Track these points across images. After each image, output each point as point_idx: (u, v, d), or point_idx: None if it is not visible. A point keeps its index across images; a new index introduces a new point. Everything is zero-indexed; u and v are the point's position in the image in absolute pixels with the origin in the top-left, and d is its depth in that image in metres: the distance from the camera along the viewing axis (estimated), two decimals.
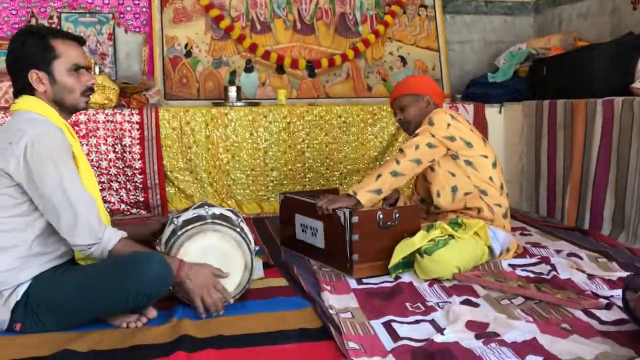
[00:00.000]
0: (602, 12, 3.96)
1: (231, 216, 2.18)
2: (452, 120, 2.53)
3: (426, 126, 2.52)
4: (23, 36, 1.88)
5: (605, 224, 3.07)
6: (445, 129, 2.50)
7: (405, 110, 2.68)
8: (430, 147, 2.49)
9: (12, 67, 1.90)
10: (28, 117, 1.84)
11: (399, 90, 2.73)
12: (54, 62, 1.87)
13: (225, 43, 4.14)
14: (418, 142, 2.49)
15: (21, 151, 1.75)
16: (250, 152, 3.69)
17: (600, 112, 3.07)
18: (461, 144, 2.53)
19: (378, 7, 4.42)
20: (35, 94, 1.89)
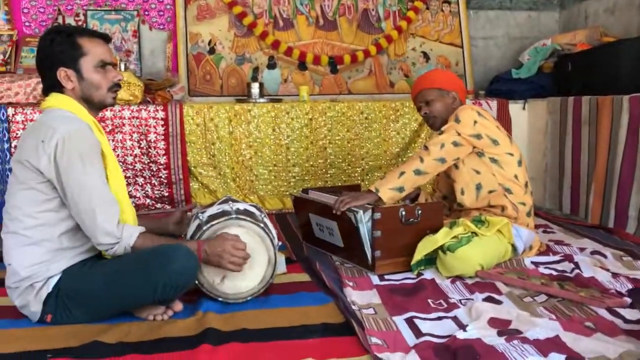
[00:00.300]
0: (629, 6, 3.90)
1: (255, 212, 2.21)
2: (478, 117, 2.51)
3: (452, 123, 2.50)
4: (51, 35, 1.93)
5: (631, 222, 3.03)
6: (471, 127, 2.48)
7: (431, 104, 2.64)
8: (455, 146, 2.47)
9: (41, 65, 1.95)
10: (58, 115, 1.88)
11: (424, 83, 2.69)
12: (81, 60, 1.91)
13: (248, 40, 4.18)
14: (443, 141, 2.46)
15: (52, 149, 1.79)
16: (273, 148, 3.72)
17: (627, 109, 3.04)
18: (487, 142, 2.50)
19: (401, 3, 4.41)
20: (64, 91, 1.93)
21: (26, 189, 1.84)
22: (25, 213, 1.85)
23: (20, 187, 1.85)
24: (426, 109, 2.66)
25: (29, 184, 1.84)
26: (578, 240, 2.87)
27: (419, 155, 2.48)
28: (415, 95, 2.72)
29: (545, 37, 4.34)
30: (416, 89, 2.72)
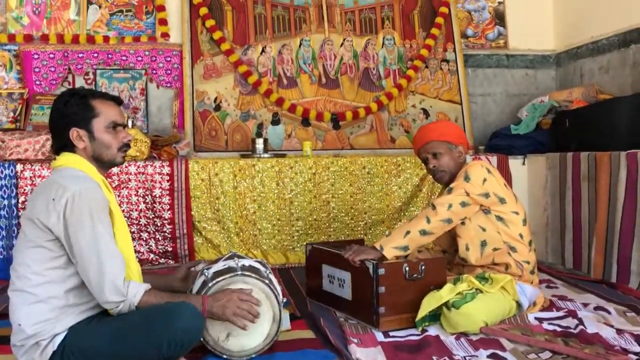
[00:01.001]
0: (622, 65, 4.02)
1: (260, 268, 2.23)
2: (488, 175, 2.53)
3: (462, 182, 2.51)
4: (66, 97, 2.00)
5: (633, 277, 3.04)
6: (480, 186, 2.50)
7: (440, 158, 2.64)
8: (463, 206, 2.48)
9: (55, 125, 2.01)
10: (69, 174, 1.93)
11: (432, 135, 2.67)
12: (93, 120, 1.97)
13: (253, 97, 4.29)
14: (451, 201, 2.47)
15: (62, 206, 1.83)
16: (277, 202, 3.76)
17: (625, 165, 3.09)
18: (495, 200, 2.53)
19: (401, 62, 4.55)
20: (75, 151, 1.98)
21: (34, 247, 1.87)
22: (33, 271, 1.87)
23: (29, 244, 1.88)
24: (435, 162, 2.65)
25: (37, 241, 1.87)
26: (581, 296, 2.88)
27: (426, 215, 2.48)
28: (422, 146, 2.69)
29: (543, 94, 4.45)
30: (423, 140, 2.69)
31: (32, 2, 4.16)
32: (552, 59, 4.82)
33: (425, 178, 3.92)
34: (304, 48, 4.42)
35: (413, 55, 4.55)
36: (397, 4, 4.61)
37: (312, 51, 4.43)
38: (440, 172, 2.65)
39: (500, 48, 4.76)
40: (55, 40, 4.12)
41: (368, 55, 4.51)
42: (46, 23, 4.17)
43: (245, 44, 4.33)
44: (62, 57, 4.11)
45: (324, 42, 4.45)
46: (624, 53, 4.01)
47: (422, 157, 2.72)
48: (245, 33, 4.34)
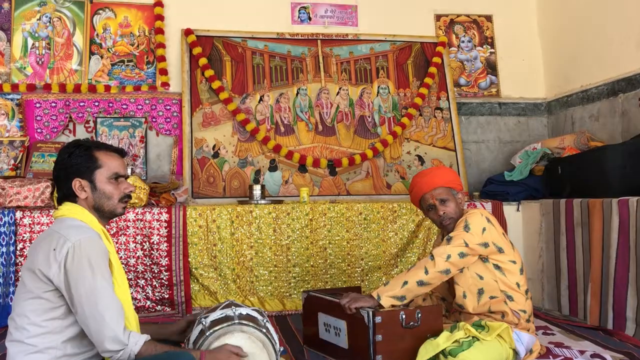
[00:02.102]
0: (612, 113, 4.12)
1: (257, 316, 2.24)
2: (487, 224, 2.55)
3: (461, 231, 2.52)
4: (71, 148, 2.05)
5: (629, 324, 3.05)
6: (480, 235, 2.51)
7: (447, 204, 2.63)
8: (462, 257, 2.50)
9: (58, 175, 2.06)
10: (70, 224, 1.97)
11: (438, 181, 2.65)
12: (96, 172, 2.02)
13: (250, 144, 4.36)
14: (450, 252, 2.48)
15: (63, 256, 1.86)
16: (274, 248, 3.78)
17: (617, 211, 3.14)
18: (493, 249, 2.55)
19: (395, 110, 4.65)
20: (77, 201, 2.03)
21: (33, 298, 1.89)
22: (31, 322, 1.88)
23: (28, 295, 1.90)
24: (444, 209, 2.63)
25: (36, 292, 1.88)
26: (578, 343, 2.88)
27: (424, 265, 2.49)
28: (429, 191, 2.65)
29: (535, 141, 4.54)
30: (429, 186, 2.65)
31: (35, 53, 4.26)
32: (543, 107, 4.93)
33: (421, 224, 3.95)
34: (301, 97, 4.52)
35: (407, 104, 4.66)
36: (391, 55, 4.74)
37: (308, 100, 4.53)
38: (449, 219, 2.65)
39: (493, 96, 4.88)
40: (57, 90, 4.21)
41: (363, 104, 4.61)
42: (49, 73, 4.26)
43: (243, 93, 4.43)
44: (64, 105, 4.20)
45: (320, 91, 4.56)
46: (612, 102, 4.11)
47: (428, 203, 2.68)
48: (243, 82, 4.45)
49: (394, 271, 3.92)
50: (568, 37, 4.63)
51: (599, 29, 4.23)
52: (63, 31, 4.33)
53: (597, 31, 4.25)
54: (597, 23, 4.24)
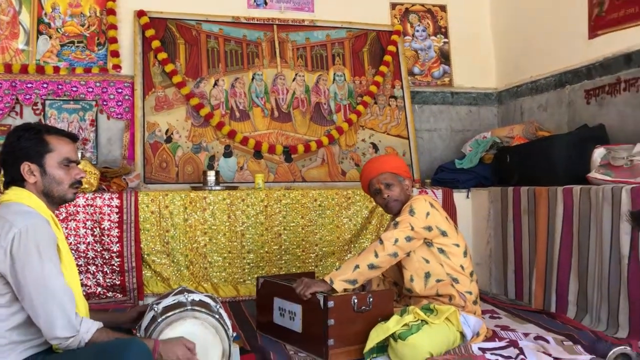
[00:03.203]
0: (559, 104, 4.26)
1: (210, 302, 2.24)
2: (431, 209, 2.65)
3: (407, 215, 2.62)
4: (20, 131, 1.99)
5: (571, 307, 3.19)
6: (424, 219, 2.61)
7: (392, 188, 2.75)
8: (408, 241, 2.59)
9: (6, 159, 1.99)
10: (17, 209, 1.91)
11: (385, 167, 2.79)
12: (46, 156, 1.97)
13: (205, 129, 4.31)
14: (397, 236, 2.57)
15: (8, 243, 1.81)
16: (228, 235, 3.77)
17: (561, 200, 3.26)
18: (437, 233, 2.64)
19: (351, 97, 4.68)
20: (25, 185, 1.97)
21: None
22: None
23: None
24: (388, 192, 2.76)
25: None
26: (523, 326, 2.99)
27: (374, 249, 2.56)
28: (376, 177, 2.78)
29: (485, 130, 4.66)
30: (375, 171, 2.79)
31: None
32: (494, 97, 5.05)
33: (375, 210, 4.01)
34: (257, 82, 4.49)
35: (362, 92, 4.69)
36: (347, 42, 4.76)
37: (264, 85, 4.51)
38: (393, 201, 2.76)
39: (445, 86, 4.97)
40: (2, 70, 4.05)
41: (319, 90, 4.62)
42: None
43: (197, 77, 4.37)
44: (10, 86, 4.05)
45: (276, 76, 4.54)
46: (560, 93, 4.25)
47: (374, 188, 2.81)
48: (197, 66, 4.39)
49: (347, 256, 3.97)
50: (519, 29, 4.75)
51: (549, 22, 4.35)
52: (8, 9, 4.17)
53: (546, 24, 4.37)
54: (547, 16, 4.36)
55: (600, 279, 2.98)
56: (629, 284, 2.78)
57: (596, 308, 3.00)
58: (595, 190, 3.04)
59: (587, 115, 3.94)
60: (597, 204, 2.99)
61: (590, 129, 3.71)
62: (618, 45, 3.67)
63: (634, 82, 3.56)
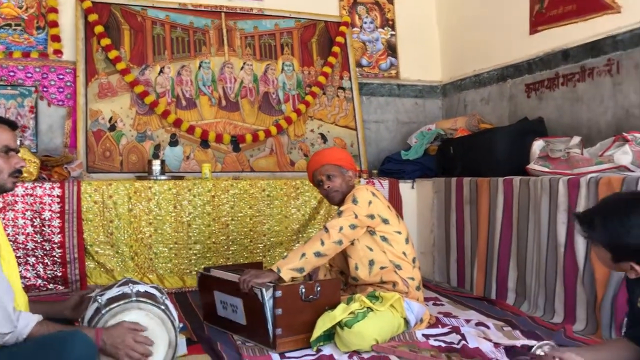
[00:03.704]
0: (501, 98, 4.39)
1: (156, 293, 2.21)
2: (373, 198, 2.73)
3: (350, 205, 2.68)
4: None
5: (510, 294, 3.31)
6: (367, 208, 2.68)
7: (333, 179, 2.82)
8: (353, 229, 2.64)
9: None
10: None
11: (327, 159, 2.87)
12: None
13: (150, 117, 4.23)
14: (342, 224, 2.62)
15: None
16: (174, 225, 3.72)
17: (502, 190, 3.37)
18: (379, 221, 2.72)
19: (299, 87, 4.68)
20: None
21: None
22: None
23: None
24: (329, 183, 2.83)
25: None
26: (464, 312, 3.09)
27: (320, 238, 2.60)
28: (318, 168, 2.86)
29: (430, 122, 4.75)
30: (318, 163, 2.87)
31: None
32: (439, 90, 5.16)
33: (323, 201, 4.04)
34: (204, 70, 4.43)
35: (311, 82, 4.70)
36: (295, 32, 4.75)
37: (211, 73, 4.45)
38: (333, 192, 2.83)
39: (392, 78, 5.03)
40: None
41: (268, 80, 4.60)
42: None
43: (142, 64, 4.27)
44: None
45: (224, 65, 4.50)
46: (501, 86, 4.38)
47: (317, 179, 2.89)
48: (143, 53, 4.29)
49: (295, 246, 3.98)
50: (464, 23, 4.86)
51: (492, 17, 4.46)
52: None
53: (490, 19, 4.49)
54: (491, 11, 4.48)
55: (538, 267, 3.11)
56: (565, 271, 2.90)
57: (534, 295, 3.13)
58: (534, 181, 3.15)
59: (528, 109, 4.08)
60: (536, 195, 3.11)
61: (530, 122, 3.84)
62: (557, 41, 3.81)
63: (571, 78, 3.71)
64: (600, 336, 2.62)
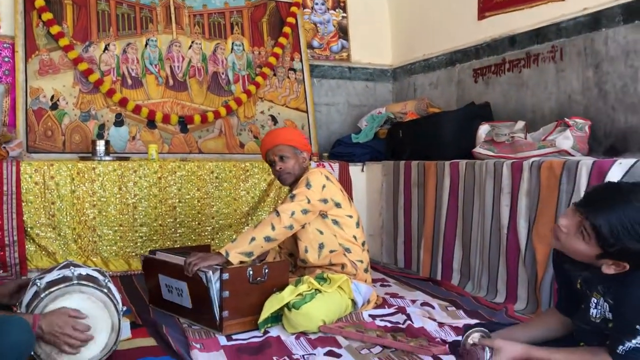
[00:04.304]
0: (449, 82, 4.45)
1: (98, 276, 2.16)
2: (326, 182, 2.71)
3: (303, 188, 2.66)
4: None
5: (455, 274, 3.39)
6: (320, 192, 2.67)
7: (286, 160, 2.79)
8: (305, 214, 2.63)
9: None
10: None
11: (281, 139, 2.82)
12: None
13: (94, 96, 4.09)
14: (294, 208, 2.60)
15: None
16: (119, 207, 3.63)
17: (448, 173, 3.43)
18: (331, 205, 2.71)
19: (250, 68, 4.62)
20: None
21: None
22: None
23: None
24: (281, 165, 2.80)
25: None
26: (411, 293, 3.14)
27: (270, 222, 2.57)
28: (271, 148, 2.82)
29: (381, 106, 4.78)
30: (272, 143, 2.83)
31: None
32: (389, 73, 5.19)
33: (273, 183, 4.02)
34: (151, 48, 4.31)
35: (262, 63, 4.64)
36: (246, 11, 4.67)
37: (159, 52, 4.34)
38: (285, 174, 2.81)
39: (344, 60, 5.03)
40: None
41: (217, 60, 4.52)
42: None
43: (86, 41, 4.12)
44: None
45: (171, 43, 4.38)
46: (450, 71, 4.44)
47: (270, 159, 2.85)
48: (87, 29, 4.14)
49: (244, 229, 3.96)
50: (414, 8, 4.88)
51: (442, 2, 4.50)
52: None
53: (440, 4, 4.53)
54: None
55: (482, 248, 3.19)
56: (507, 252, 2.99)
57: (478, 275, 3.21)
58: (479, 164, 3.22)
59: (475, 94, 4.15)
60: (481, 178, 3.18)
61: (477, 106, 3.92)
62: (504, 27, 3.88)
63: (517, 63, 3.79)
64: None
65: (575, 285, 1.77)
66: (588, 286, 1.72)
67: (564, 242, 1.65)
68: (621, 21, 3.11)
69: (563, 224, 1.64)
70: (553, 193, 2.71)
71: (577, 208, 1.62)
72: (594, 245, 1.58)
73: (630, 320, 1.55)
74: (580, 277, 1.74)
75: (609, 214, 1.54)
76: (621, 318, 1.60)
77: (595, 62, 3.25)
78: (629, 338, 1.55)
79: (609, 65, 3.17)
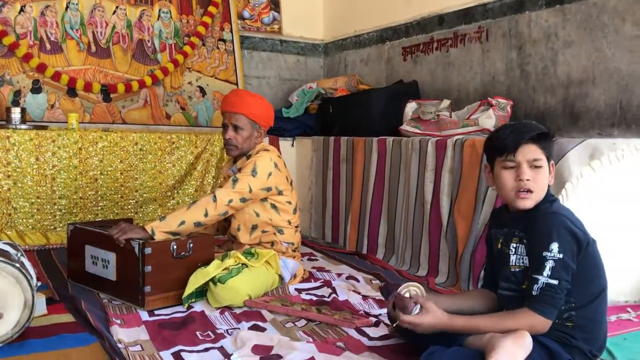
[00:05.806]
0: (379, 59, 4.48)
1: (10, 250, 2.06)
2: (274, 169, 2.66)
3: (248, 175, 2.59)
4: None
5: (380, 249, 3.46)
6: (265, 181, 2.62)
7: (239, 132, 2.69)
8: (242, 202, 2.59)
9: None
10: None
11: (245, 109, 2.70)
12: None
13: (9, 60, 3.85)
14: (232, 197, 2.55)
15: None
16: (36, 178, 3.46)
17: (376, 150, 3.48)
18: (274, 192, 2.69)
19: (177, 37, 4.47)
20: None
21: None
22: None
23: None
24: (232, 135, 2.69)
25: None
26: (337, 267, 3.18)
27: (205, 207, 2.51)
28: (229, 111, 2.70)
29: (312, 81, 4.76)
30: (233, 107, 2.70)
31: None
32: (321, 48, 5.16)
33: (200, 156, 3.94)
34: (71, 12, 4.08)
35: (190, 32, 4.50)
36: None
37: (80, 16, 4.11)
38: (233, 145, 2.72)
39: (275, 33, 4.96)
40: None
41: (143, 27, 4.34)
42: None
43: None
44: None
45: (94, 7, 4.17)
46: (380, 48, 4.47)
47: (224, 121, 2.74)
48: None
49: (169, 203, 3.87)
50: None
51: None
52: None
53: None
54: None
55: (406, 223, 3.26)
56: (430, 228, 3.07)
57: (401, 249, 3.29)
58: (405, 141, 3.28)
59: (403, 72, 4.20)
60: (407, 155, 3.24)
61: (405, 84, 3.97)
62: (433, 6, 3.93)
63: (444, 42, 3.85)
64: (459, 288, 2.82)
65: (497, 247, 1.83)
66: (507, 240, 1.78)
67: (540, 185, 1.71)
68: (544, 4, 3.22)
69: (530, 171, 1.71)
70: (475, 171, 2.80)
71: (535, 143, 1.70)
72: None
73: (539, 252, 1.63)
74: (502, 235, 1.81)
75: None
76: (532, 254, 1.68)
77: (519, 43, 3.36)
78: (540, 272, 1.62)
79: (531, 47, 3.29)
